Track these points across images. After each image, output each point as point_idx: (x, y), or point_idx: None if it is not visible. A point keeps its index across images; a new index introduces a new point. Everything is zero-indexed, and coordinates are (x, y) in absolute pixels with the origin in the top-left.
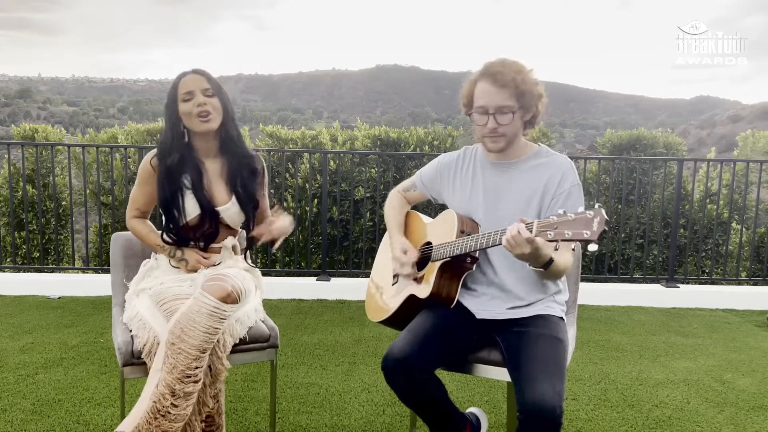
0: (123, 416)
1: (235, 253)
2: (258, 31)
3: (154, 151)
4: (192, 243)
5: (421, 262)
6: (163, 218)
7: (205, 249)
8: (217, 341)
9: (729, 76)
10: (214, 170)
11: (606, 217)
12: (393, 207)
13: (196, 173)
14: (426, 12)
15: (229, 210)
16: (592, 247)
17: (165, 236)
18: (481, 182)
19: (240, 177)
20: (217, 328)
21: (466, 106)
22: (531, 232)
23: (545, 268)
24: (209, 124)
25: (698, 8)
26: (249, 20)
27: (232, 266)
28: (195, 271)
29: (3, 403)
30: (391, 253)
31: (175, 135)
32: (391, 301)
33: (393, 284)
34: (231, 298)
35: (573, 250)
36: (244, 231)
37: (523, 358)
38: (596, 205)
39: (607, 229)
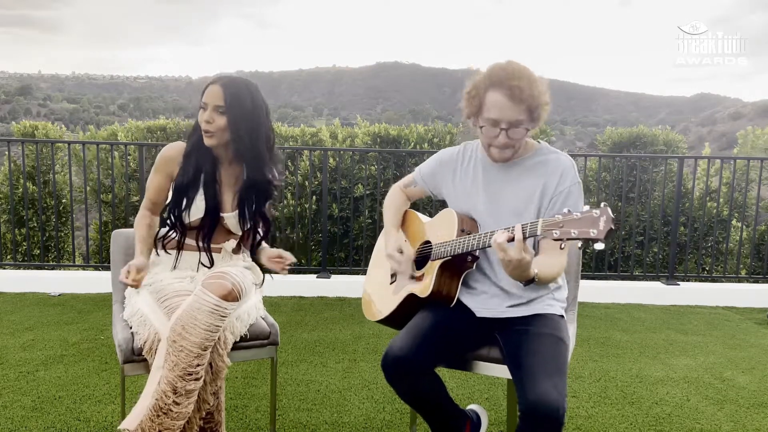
0: (123, 413)
1: (235, 254)
2: (259, 28)
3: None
4: (192, 237)
5: (420, 261)
6: (170, 200)
7: (207, 249)
8: (218, 338)
9: (730, 74)
10: (228, 177)
11: (612, 215)
12: (392, 203)
13: (210, 174)
14: (427, 9)
15: (233, 219)
16: (599, 246)
17: (164, 215)
18: (482, 179)
19: (251, 199)
20: (218, 326)
21: (473, 115)
22: (536, 231)
23: (528, 284)
24: (210, 140)
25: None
26: (250, 18)
27: (232, 265)
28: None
29: (3, 400)
30: (385, 251)
31: (198, 131)
32: (390, 299)
33: (391, 283)
34: (232, 296)
35: (579, 248)
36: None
37: (524, 357)
38: (602, 204)
39: (614, 227)
